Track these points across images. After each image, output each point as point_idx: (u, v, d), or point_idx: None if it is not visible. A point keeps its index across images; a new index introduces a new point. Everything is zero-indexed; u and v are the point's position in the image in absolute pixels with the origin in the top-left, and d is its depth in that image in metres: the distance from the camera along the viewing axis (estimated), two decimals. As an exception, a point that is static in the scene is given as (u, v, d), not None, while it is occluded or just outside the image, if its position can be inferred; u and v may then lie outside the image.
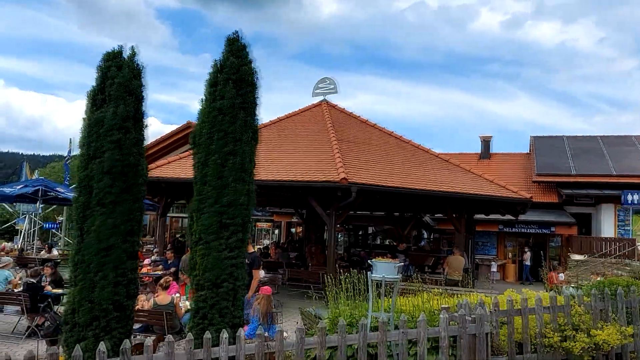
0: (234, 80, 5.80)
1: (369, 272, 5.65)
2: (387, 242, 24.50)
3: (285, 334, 5.08)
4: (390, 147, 16.00)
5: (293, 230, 27.14)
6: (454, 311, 5.28)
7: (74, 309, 5.33)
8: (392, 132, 17.13)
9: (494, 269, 21.46)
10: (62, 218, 26.47)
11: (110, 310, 5.35)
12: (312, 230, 20.48)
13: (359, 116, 17.45)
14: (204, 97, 5.97)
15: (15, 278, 10.93)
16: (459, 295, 6.96)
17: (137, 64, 5.71)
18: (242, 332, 4.68)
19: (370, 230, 26.49)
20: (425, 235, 24.66)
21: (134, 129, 5.58)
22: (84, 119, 5.60)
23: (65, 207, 24.07)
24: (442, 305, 5.43)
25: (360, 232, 26.40)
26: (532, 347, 5.71)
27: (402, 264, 13.36)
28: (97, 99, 5.56)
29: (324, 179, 12.32)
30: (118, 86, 5.51)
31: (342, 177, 11.99)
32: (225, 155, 5.73)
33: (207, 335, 4.55)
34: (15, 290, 10.06)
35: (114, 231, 5.33)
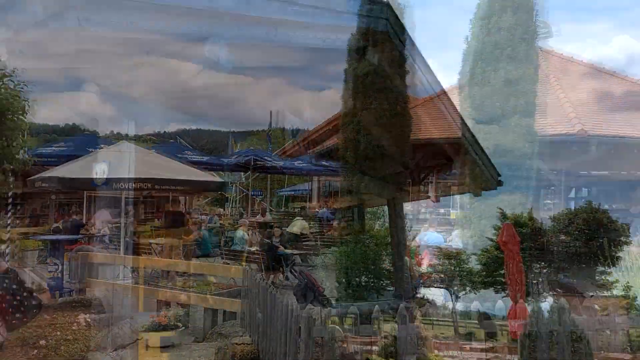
0: (511, 7, 4.95)
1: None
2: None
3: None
4: (624, 94, 13.45)
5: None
6: None
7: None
8: (625, 76, 14.39)
9: None
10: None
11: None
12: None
13: (580, 61, 15.03)
14: (471, 32, 5.25)
15: (248, 238, 11.86)
16: None
17: (399, 4, 5.21)
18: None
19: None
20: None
21: (399, 76, 5.14)
22: (345, 70, 5.33)
23: (269, 176, 25.91)
24: None
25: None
26: None
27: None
28: (360, 47, 5.22)
29: (555, 133, 10.77)
30: (380, 33, 5.08)
31: (578, 129, 10.32)
32: (505, 98, 4.96)
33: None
34: (252, 249, 10.92)
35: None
